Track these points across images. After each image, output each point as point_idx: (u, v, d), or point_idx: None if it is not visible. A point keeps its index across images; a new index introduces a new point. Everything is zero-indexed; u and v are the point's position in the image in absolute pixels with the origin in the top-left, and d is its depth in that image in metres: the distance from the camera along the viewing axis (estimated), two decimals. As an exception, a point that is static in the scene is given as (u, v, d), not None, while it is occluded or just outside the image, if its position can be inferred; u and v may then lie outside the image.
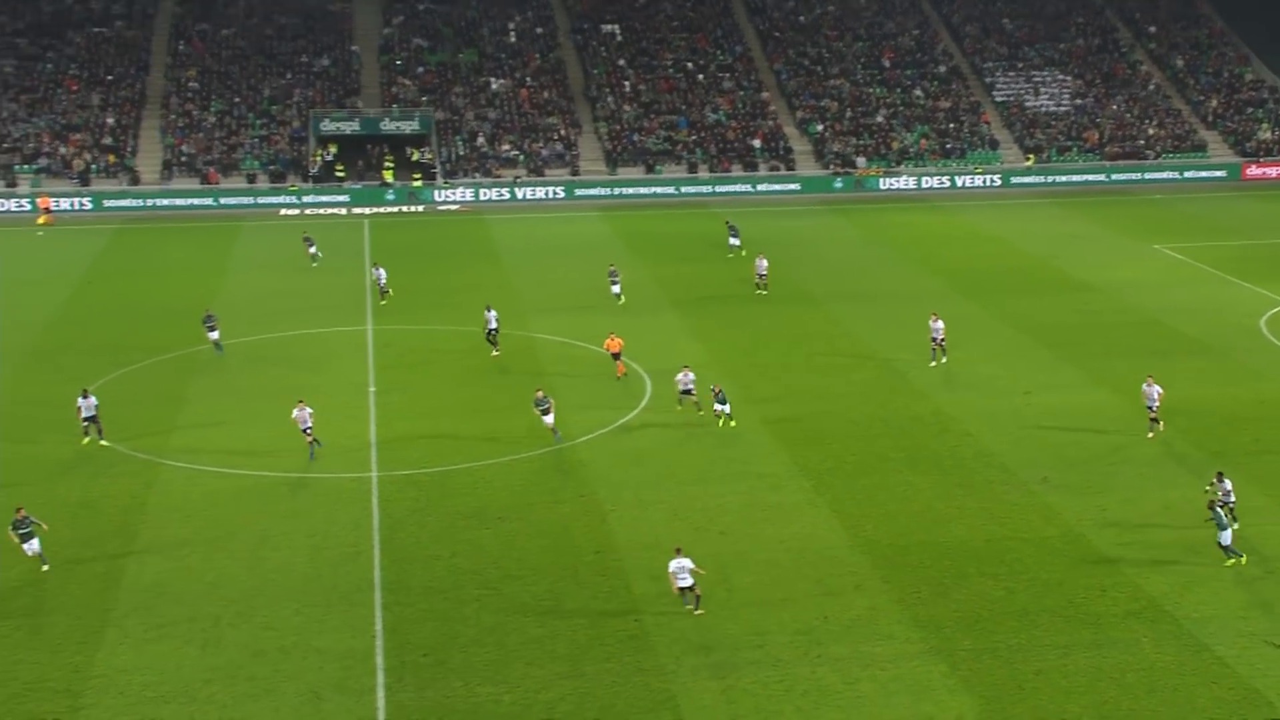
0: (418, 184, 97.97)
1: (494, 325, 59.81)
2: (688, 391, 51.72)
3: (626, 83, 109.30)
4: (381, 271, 69.69)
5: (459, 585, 38.81)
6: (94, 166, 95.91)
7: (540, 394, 49.16)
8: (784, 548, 41.05)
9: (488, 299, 62.72)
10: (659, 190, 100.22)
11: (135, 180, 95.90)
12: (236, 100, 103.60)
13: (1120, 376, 55.44)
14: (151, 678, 34.19)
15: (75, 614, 37.33)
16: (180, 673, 34.42)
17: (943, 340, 57.64)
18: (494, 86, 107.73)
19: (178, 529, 42.72)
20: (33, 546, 39.56)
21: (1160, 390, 49.57)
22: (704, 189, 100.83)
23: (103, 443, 49.39)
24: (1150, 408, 49.55)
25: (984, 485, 45.59)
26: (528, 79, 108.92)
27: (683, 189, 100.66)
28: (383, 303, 68.58)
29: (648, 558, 40.08)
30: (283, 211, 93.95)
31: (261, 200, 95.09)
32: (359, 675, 34.20)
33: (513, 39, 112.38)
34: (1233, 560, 39.15)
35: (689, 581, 36.65)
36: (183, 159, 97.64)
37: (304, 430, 48.16)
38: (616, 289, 68.70)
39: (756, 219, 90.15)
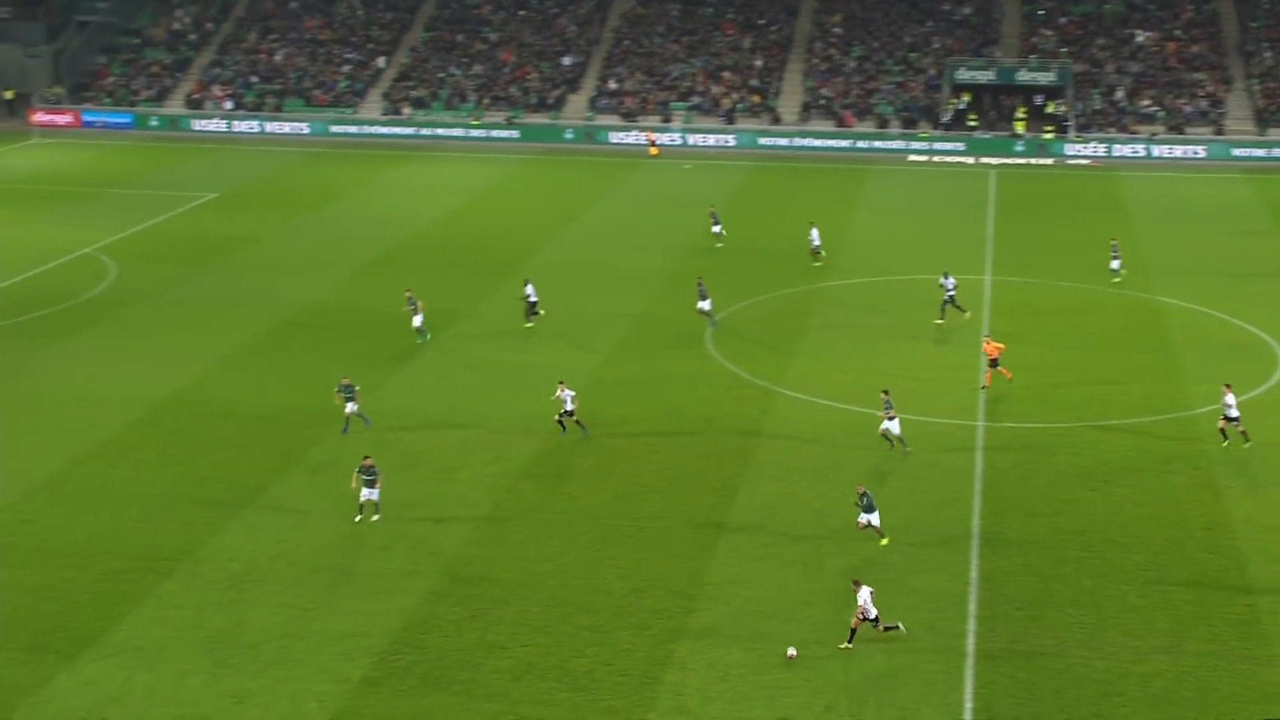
0: (1049, 137, 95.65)
1: (951, 291, 56.73)
2: (1232, 419, 43.97)
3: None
4: (815, 232, 66.42)
5: (1059, 544, 38.01)
6: (739, 106, 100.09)
7: (885, 396, 44.41)
8: None
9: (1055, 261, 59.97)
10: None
11: (776, 120, 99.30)
12: (876, 46, 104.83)
13: None
14: (756, 592, 35.76)
15: (694, 524, 39.57)
16: (783, 591, 35.78)
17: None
18: (1138, 39, 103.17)
19: (789, 456, 44.26)
20: (371, 494, 39.31)
21: None
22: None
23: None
24: None
25: None
26: (1176, 31, 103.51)
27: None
28: (817, 264, 65.67)
29: (1267, 541, 37.74)
30: (911, 157, 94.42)
31: (893, 145, 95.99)
32: (950, 619, 34.28)
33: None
34: None
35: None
36: (821, 101, 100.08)
37: (565, 412, 44.91)
38: (1116, 264, 62.58)
39: None
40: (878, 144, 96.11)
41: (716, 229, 69.44)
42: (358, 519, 39.59)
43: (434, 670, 32.31)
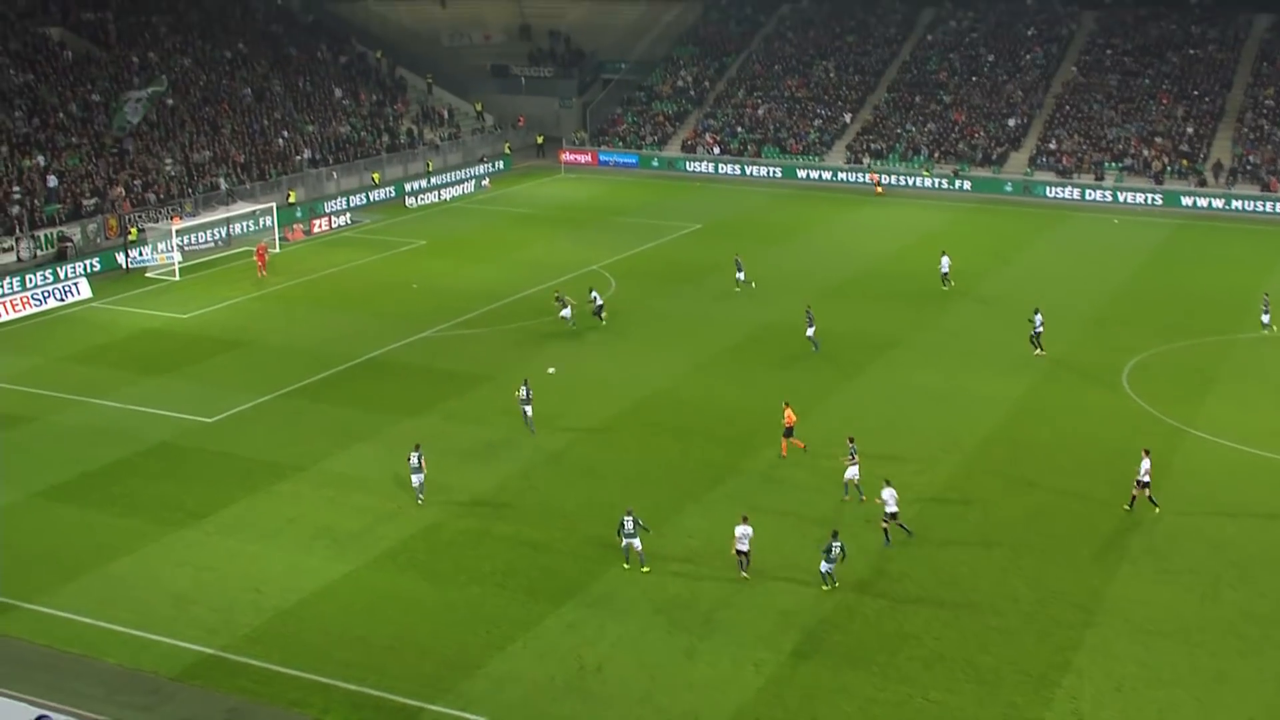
0: None
1: (1039, 328, 54.37)
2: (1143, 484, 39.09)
3: None
4: (946, 260, 65.62)
5: None
6: (1168, 169, 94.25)
7: (850, 444, 41.47)
8: None
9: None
10: None
11: (1202, 183, 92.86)
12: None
13: None
14: (1153, 613, 33.66)
15: (1099, 544, 37.63)
16: (1179, 616, 33.53)
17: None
18: None
19: (1193, 491, 41.34)
20: (417, 479, 39.87)
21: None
22: None
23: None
24: None
25: None
26: None
27: None
28: (945, 288, 65.45)
29: None
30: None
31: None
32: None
33: None
34: None
35: (746, 546, 34.91)
36: (1248, 167, 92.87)
37: (888, 515, 37.79)
38: (1266, 318, 57.30)
39: None
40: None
41: (740, 275, 66.05)
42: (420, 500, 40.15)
43: (855, 651, 32.05)
